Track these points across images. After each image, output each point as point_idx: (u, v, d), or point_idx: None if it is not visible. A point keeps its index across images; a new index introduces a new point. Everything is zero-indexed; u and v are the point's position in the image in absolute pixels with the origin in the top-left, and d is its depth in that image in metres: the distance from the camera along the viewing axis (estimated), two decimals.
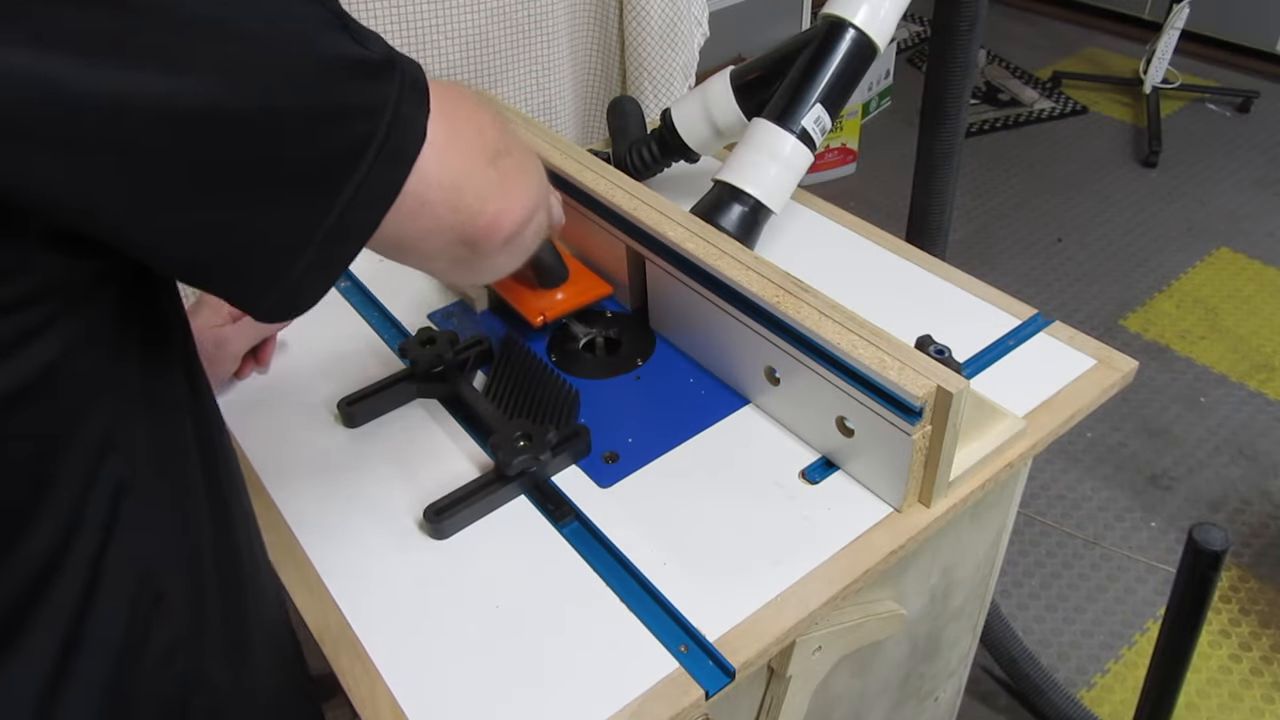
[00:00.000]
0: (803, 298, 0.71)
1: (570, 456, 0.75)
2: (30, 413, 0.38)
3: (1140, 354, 2.09)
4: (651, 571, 0.66)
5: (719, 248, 0.76)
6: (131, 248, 0.38)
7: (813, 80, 0.87)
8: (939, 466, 0.68)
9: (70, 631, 0.42)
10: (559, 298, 0.86)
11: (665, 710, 0.58)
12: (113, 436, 0.42)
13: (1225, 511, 1.77)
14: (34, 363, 0.37)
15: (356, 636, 0.64)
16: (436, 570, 0.68)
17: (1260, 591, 1.63)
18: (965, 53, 1.03)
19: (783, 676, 0.70)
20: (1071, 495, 1.81)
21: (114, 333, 0.42)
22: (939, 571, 0.84)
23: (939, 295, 0.91)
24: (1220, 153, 2.78)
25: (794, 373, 0.73)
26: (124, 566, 0.44)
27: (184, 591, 0.48)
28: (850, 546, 0.68)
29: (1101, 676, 1.52)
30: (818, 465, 0.74)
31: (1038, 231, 2.53)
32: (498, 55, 1.20)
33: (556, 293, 0.87)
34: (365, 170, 0.41)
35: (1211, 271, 2.36)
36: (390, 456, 0.77)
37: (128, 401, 0.43)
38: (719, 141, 1.00)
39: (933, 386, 0.63)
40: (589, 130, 1.41)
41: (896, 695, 0.94)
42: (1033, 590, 1.64)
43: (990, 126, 2.96)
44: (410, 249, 0.47)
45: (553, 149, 0.90)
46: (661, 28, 1.29)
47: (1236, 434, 1.92)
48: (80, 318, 0.39)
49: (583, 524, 0.70)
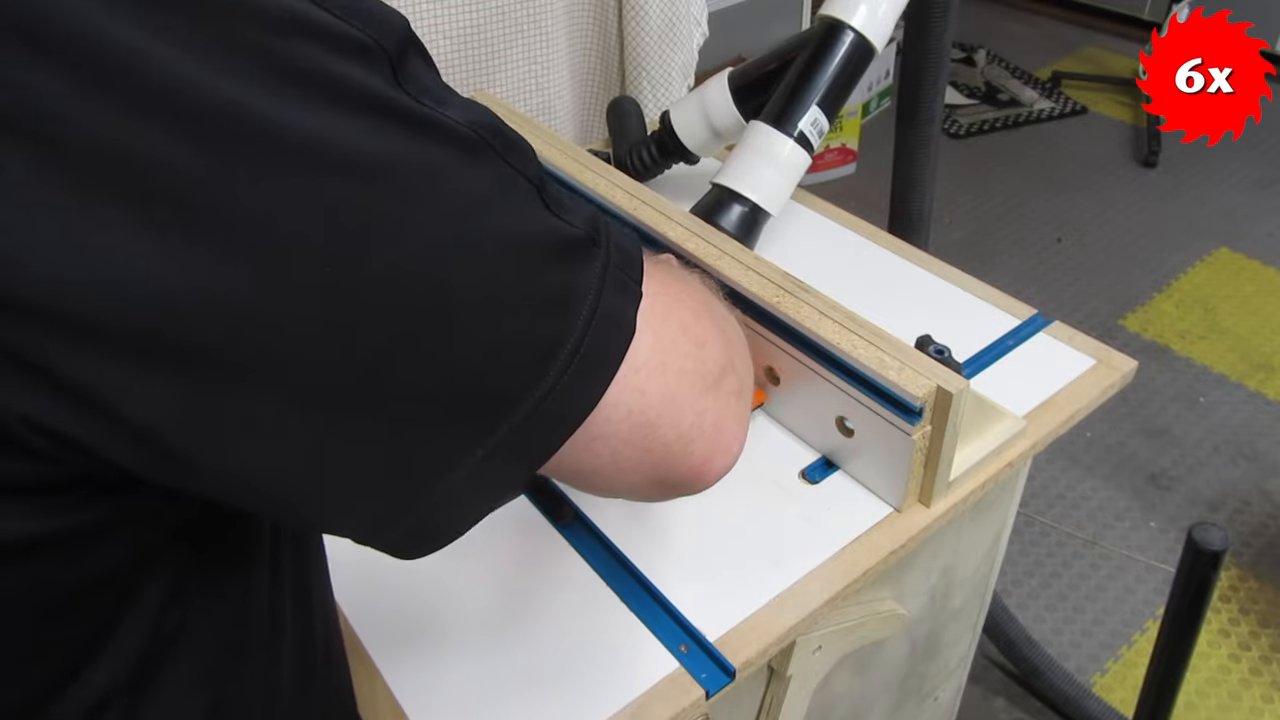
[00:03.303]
0: (803, 298, 0.71)
1: None
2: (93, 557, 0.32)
3: (1140, 354, 2.09)
4: (651, 571, 0.66)
5: (719, 248, 0.76)
6: (199, 489, 0.30)
7: (810, 83, 0.87)
8: (939, 466, 0.68)
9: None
10: None
11: (665, 710, 0.58)
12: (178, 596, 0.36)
13: (1225, 511, 1.77)
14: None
15: (356, 636, 0.64)
16: (436, 570, 0.68)
17: (1260, 591, 1.63)
18: (938, 39, 1.03)
19: (783, 676, 0.70)
20: (1071, 495, 1.81)
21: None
22: (939, 571, 0.84)
23: (939, 295, 0.91)
24: (1220, 153, 2.78)
25: (794, 373, 0.73)
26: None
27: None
28: (850, 546, 0.68)
29: (1101, 676, 1.52)
30: (818, 465, 0.74)
31: (1037, 231, 2.52)
32: (495, 53, 1.20)
33: None
34: (550, 384, 0.31)
35: (1211, 271, 2.36)
36: None
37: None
38: (718, 143, 1.00)
39: (933, 386, 0.63)
40: (587, 130, 1.41)
41: (896, 695, 0.94)
42: (1032, 590, 1.65)
43: (990, 126, 2.96)
44: (572, 478, 0.37)
45: (552, 149, 0.90)
46: (660, 27, 1.29)
47: (1236, 434, 1.92)
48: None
49: (583, 524, 0.70)
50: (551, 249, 0.31)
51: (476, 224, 0.29)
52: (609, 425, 0.33)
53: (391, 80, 0.29)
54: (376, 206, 0.27)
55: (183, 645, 0.37)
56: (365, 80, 0.28)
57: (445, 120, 0.29)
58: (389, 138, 0.27)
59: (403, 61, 0.29)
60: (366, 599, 0.66)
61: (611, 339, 0.32)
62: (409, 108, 0.28)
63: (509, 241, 0.30)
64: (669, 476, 0.37)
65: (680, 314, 0.36)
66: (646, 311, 0.34)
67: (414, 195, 0.28)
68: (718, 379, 0.37)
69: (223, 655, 0.39)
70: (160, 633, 0.36)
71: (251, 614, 0.41)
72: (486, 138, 0.30)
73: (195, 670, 0.38)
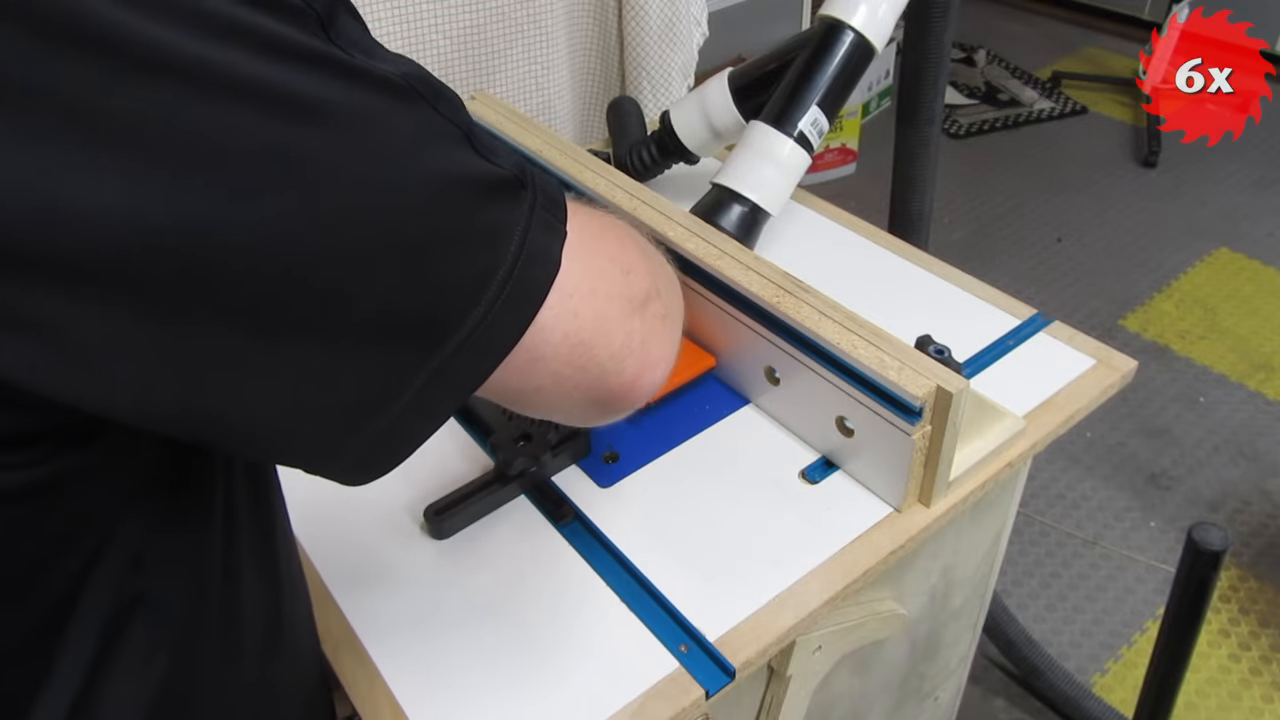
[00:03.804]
0: (803, 298, 0.71)
1: (570, 456, 0.75)
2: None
3: (1140, 354, 2.09)
4: (651, 571, 0.66)
5: (719, 248, 0.76)
6: (159, 421, 0.31)
7: (810, 83, 0.87)
8: (939, 466, 0.68)
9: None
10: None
11: (665, 710, 0.58)
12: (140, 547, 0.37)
13: (1225, 511, 1.77)
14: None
15: (356, 636, 0.64)
16: (437, 570, 0.68)
17: (1260, 591, 1.63)
18: (938, 39, 1.03)
19: (783, 676, 0.70)
20: (1071, 495, 1.81)
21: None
22: (939, 571, 0.84)
23: (939, 295, 0.91)
24: (1220, 153, 2.78)
25: (794, 373, 0.73)
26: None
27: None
28: (850, 546, 0.68)
29: (1101, 676, 1.52)
30: (818, 465, 0.74)
31: (1037, 231, 2.53)
32: (495, 54, 1.20)
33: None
34: (481, 313, 0.33)
35: (1211, 271, 2.36)
36: None
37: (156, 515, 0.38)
38: (718, 144, 1.00)
39: (933, 386, 0.63)
40: (587, 130, 1.41)
41: (896, 695, 0.94)
42: (1032, 590, 1.65)
43: (990, 126, 2.96)
44: (514, 399, 0.40)
45: (552, 149, 0.90)
46: (660, 27, 1.29)
47: (1236, 434, 1.92)
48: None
49: (583, 524, 0.70)
50: (480, 189, 0.33)
51: (407, 164, 0.31)
52: (549, 347, 0.36)
53: (323, 36, 0.30)
54: (313, 145, 0.29)
55: (141, 613, 0.38)
56: (298, 35, 0.29)
57: (376, 69, 0.31)
58: (323, 84, 0.29)
59: (332, 18, 0.31)
60: (366, 599, 0.66)
61: (539, 271, 0.35)
62: (341, 59, 0.30)
63: (439, 181, 0.32)
64: (603, 394, 0.40)
65: (605, 245, 0.39)
66: (575, 244, 0.37)
67: (349, 136, 0.30)
68: (643, 302, 0.40)
69: (181, 623, 0.41)
70: (120, 602, 0.37)
71: (208, 577, 0.42)
72: (416, 86, 0.32)
73: (154, 639, 0.39)
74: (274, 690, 0.50)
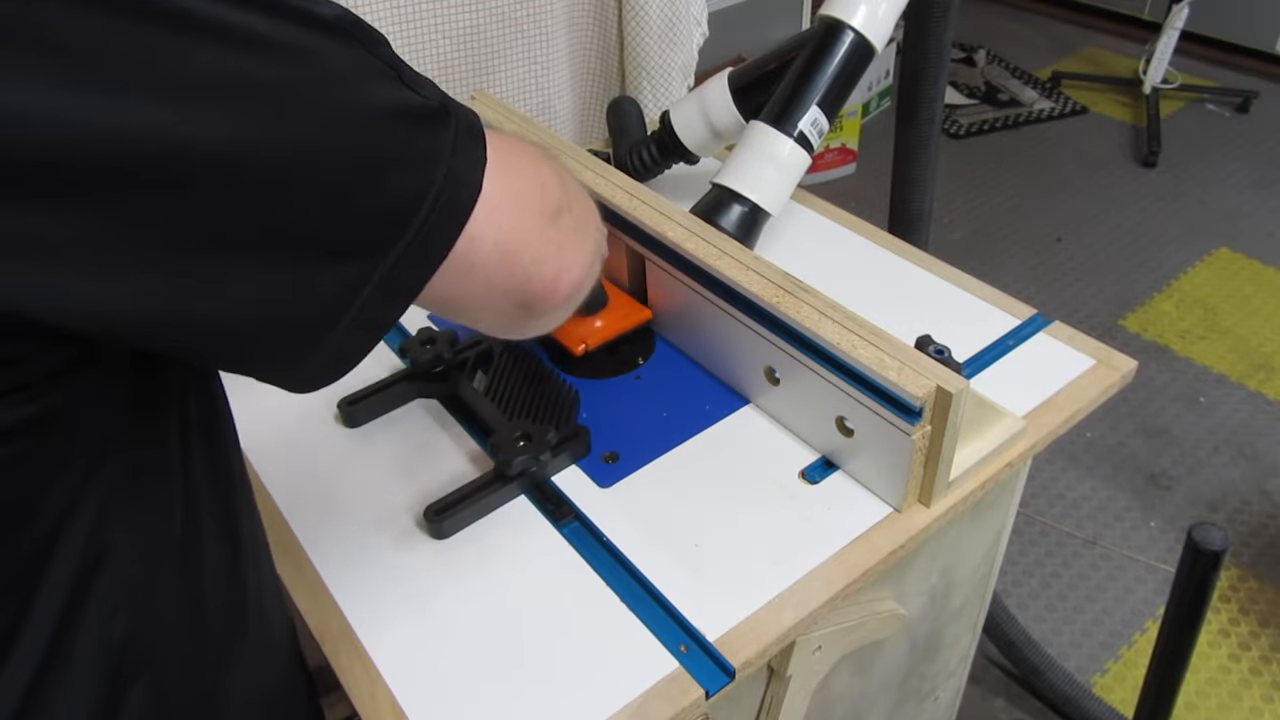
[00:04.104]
0: (803, 298, 0.71)
1: (570, 456, 0.75)
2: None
3: (1140, 354, 2.10)
4: (651, 571, 0.66)
5: (719, 248, 0.76)
6: (126, 328, 0.35)
7: (810, 83, 0.87)
8: (939, 466, 0.68)
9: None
10: (598, 325, 0.84)
11: (665, 710, 0.58)
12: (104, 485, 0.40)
13: (1225, 511, 1.77)
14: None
15: (357, 636, 0.64)
16: (436, 570, 0.68)
17: (1259, 591, 1.63)
18: (939, 39, 1.03)
19: (783, 676, 0.70)
20: (1071, 495, 1.81)
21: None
22: (939, 571, 0.84)
23: (939, 295, 0.91)
24: (1220, 153, 2.78)
25: (794, 373, 0.73)
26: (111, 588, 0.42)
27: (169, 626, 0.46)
28: (850, 546, 0.68)
29: (1101, 676, 1.52)
30: (818, 465, 0.74)
31: (1037, 231, 2.53)
32: (495, 53, 1.20)
33: (596, 320, 0.85)
34: (416, 228, 0.38)
35: (1211, 271, 2.36)
36: (390, 456, 0.77)
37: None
38: (718, 143, 1.00)
39: (932, 386, 0.63)
40: (587, 129, 1.41)
41: (896, 695, 0.94)
42: (1032, 590, 1.65)
43: (990, 126, 2.97)
44: (455, 308, 0.45)
45: (551, 148, 0.90)
46: (660, 27, 1.29)
47: (1236, 434, 1.92)
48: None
49: (583, 524, 0.70)
50: (411, 117, 0.38)
51: (346, 94, 0.36)
52: (480, 255, 0.42)
53: None
54: (268, 75, 0.33)
55: (105, 571, 0.41)
56: None
57: (320, 12, 0.36)
58: (277, 25, 0.34)
59: None
60: (366, 599, 0.66)
61: (465, 188, 0.40)
62: (291, 4, 0.35)
63: (374, 110, 0.36)
64: (527, 296, 0.45)
65: (522, 164, 0.45)
66: (496, 165, 0.42)
67: (300, 70, 0.34)
68: (556, 213, 0.46)
69: (141, 583, 0.44)
70: (86, 559, 0.40)
71: (167, 537, 0.45)
72: (350, 29, 0.37)
73: (116, 598, 0.42)
74: (242, 663, 0.52)
